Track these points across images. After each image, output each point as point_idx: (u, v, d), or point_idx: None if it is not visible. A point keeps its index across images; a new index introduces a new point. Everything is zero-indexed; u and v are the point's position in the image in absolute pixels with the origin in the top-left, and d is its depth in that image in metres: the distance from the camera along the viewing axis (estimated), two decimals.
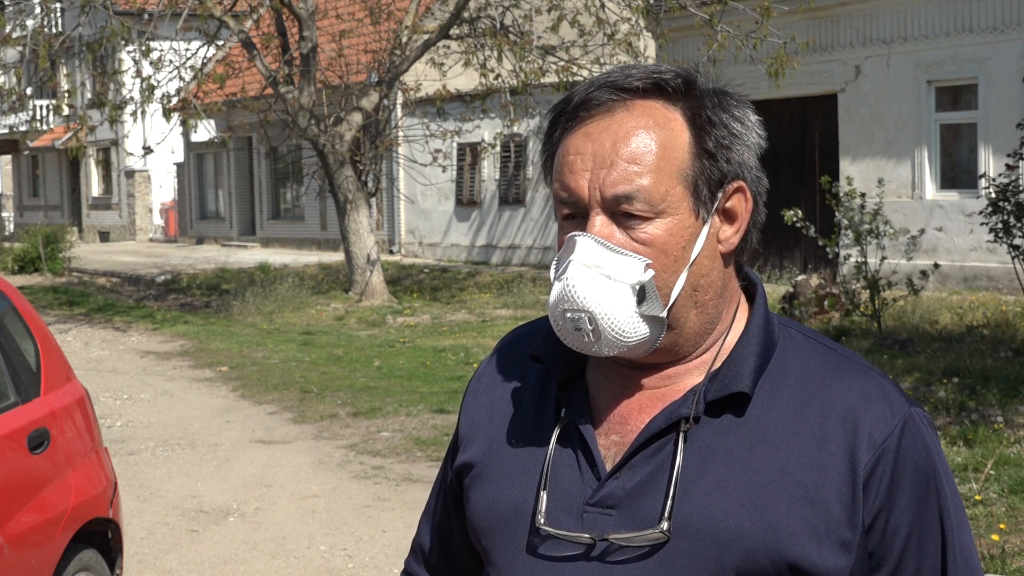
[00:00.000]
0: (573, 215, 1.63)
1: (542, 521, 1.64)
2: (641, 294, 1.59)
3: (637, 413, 1.67)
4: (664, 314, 1.61)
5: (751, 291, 1.74)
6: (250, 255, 29.48)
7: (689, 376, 1.67)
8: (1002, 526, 6.61)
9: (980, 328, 12.78)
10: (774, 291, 16.29)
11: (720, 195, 1.63)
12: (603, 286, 1.58)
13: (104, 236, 40.40)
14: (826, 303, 13.59)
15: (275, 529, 7.45)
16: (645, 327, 1.60)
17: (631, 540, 1.59)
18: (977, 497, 7.09)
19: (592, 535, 1.61)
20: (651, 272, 1.59)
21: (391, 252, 27.72)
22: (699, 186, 1.61)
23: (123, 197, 39.99)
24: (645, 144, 1.60)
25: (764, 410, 1.63)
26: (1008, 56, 16.37)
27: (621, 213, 1.60)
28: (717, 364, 1.66)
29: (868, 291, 12.65)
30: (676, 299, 1.61)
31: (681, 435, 1.61)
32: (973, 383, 10.00)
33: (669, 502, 1.58)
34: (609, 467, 1.65)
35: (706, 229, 1.63)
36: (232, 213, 35.11)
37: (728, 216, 1.65)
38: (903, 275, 12.92)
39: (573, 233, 1.61)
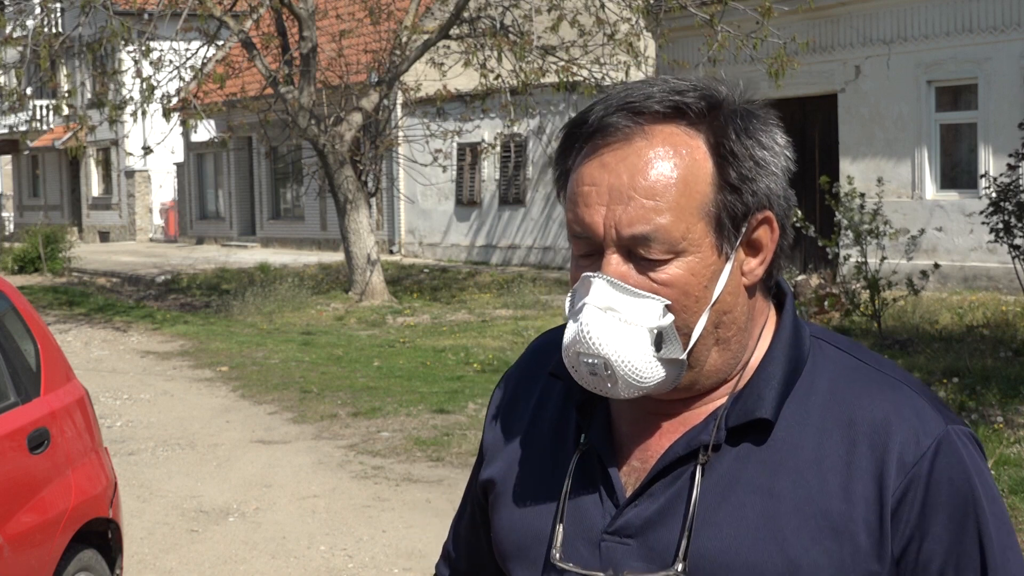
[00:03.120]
0: (590, 252, 1.55)
1: (557, 556, 1.60)
2: (659, 338, 1.51)
3: (658, 438, 1.61)
4: (684, 356, 1.53)
5: (780, 298, 1.65)
6: (250, 255, 29.49)
7: (712, 399, 1.60)
8: None
9: (980, 328, 12.78)
10: None
11: (744, 228, 1.54)
12: (619, 331, 1.50)
13: (104, 236, 40.40)
14: (826, 303, 13.59)
15: (275, 529, 7.45)
16: (664, 369, 1.53)
17: None
18: None
19: (606, 572, 1.57)
20: (671, 317, 1.51)
21: (391, 252, 27.72)
22: (722, 221, 1.52)
23: (123, 197, 39.99)
24: (664, 177, 1.50)
25: (789, 434, 1.55)
26: (1008, 56, 16.37)
27: (638, 254, 1.52)
28: (741, 384, 1.59)
29: (868, 291, 12.65)
30: (697, 340, 1.54)
31: (699, 468, 1.55)
32: (973, 383, 10.00)
33: (684, 541, 1.53)
34: (628, 493, 1.60)
35: (729, 266, 1.54)
36: (232, 213, 35.11)
37: (752, 247, 1.57)
38: (903, 275, 12.92)
39: (587, 274, 1.53)
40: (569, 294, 1.58)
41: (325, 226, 30.36)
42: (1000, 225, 13.10)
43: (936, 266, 13.09)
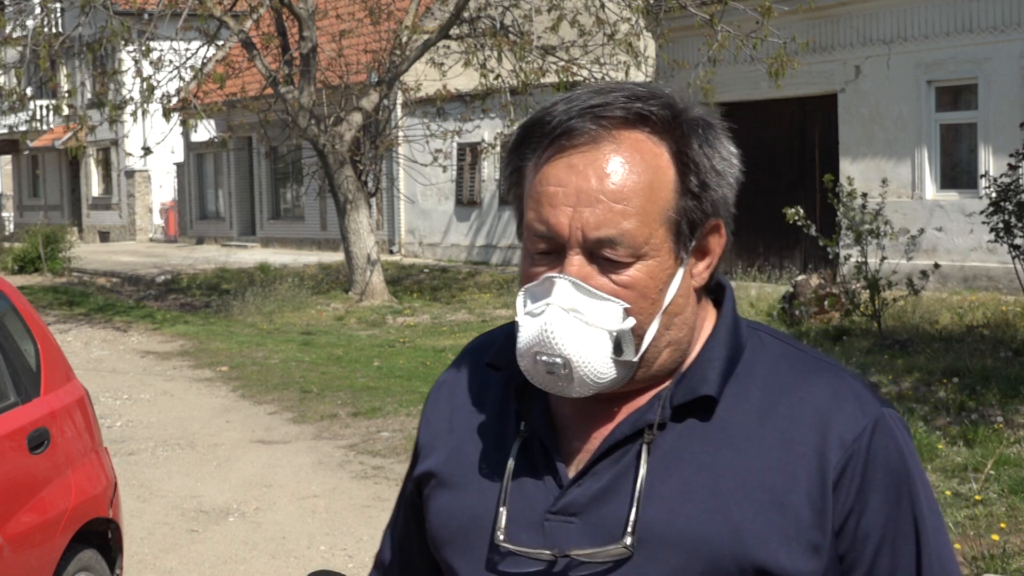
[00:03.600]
0: (550, 250, 1.58)
1: (501, 538, 1.61)
2: (618, 341, 1.55)
3: (600, 421, 1.63)
4: (636, 359, 1.57)
5: (719, 295, 1.70)
6: (250, 255, 29.48)
7: (655, 385, 1.64)
8: (1002, 526, 6.62)
9: (980, 328, 12.78)
10: (774, 291, 16.29)
11: (698, 234, 1.60)
12: (582, 332, 1.54)
13: (104, 236, 40.39)
14: (826, 303, 13.59)
15: (275, 529, 7.45)
16: (618, 369, 1.57)
17: (593, 556, 1.56)
18: (977, 497, 7.09)
19: (553, 552, 1.58)
20: (631, 321, 1.55)
21: (391, 252, 27.72)
22: (681, 227, 1.58)
23: (123, 197, 39.99)
24: (632, 182, 1.54)
25: (731, 413, 1.59)
26: (1008, 56, 16.37)
27: (602, 255, 1.55)
28: (683, 369, 1.63)
29: (868, 291, 12.65)
30: (650, 341, 1.58)
31: (644, 445, 1.58)
32: (973, 383, 9.99)
33: (632, 515, 1.55)
34: (572, 475, 1.61)
35: (682, 270, 1.59)
36: (232, 213, 35.11)
37: (701, 252, 1.62)
38: (903, 275, 12.92)
39: (551, 275, 1.56)
40: (521, 292, 1.60)
41: (325, 226, 30.36)
42: (1000, 225, 13.09)
43: (936, 266, 13.08)
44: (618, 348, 1.55)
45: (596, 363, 1.54)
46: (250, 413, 10.99)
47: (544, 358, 1.55)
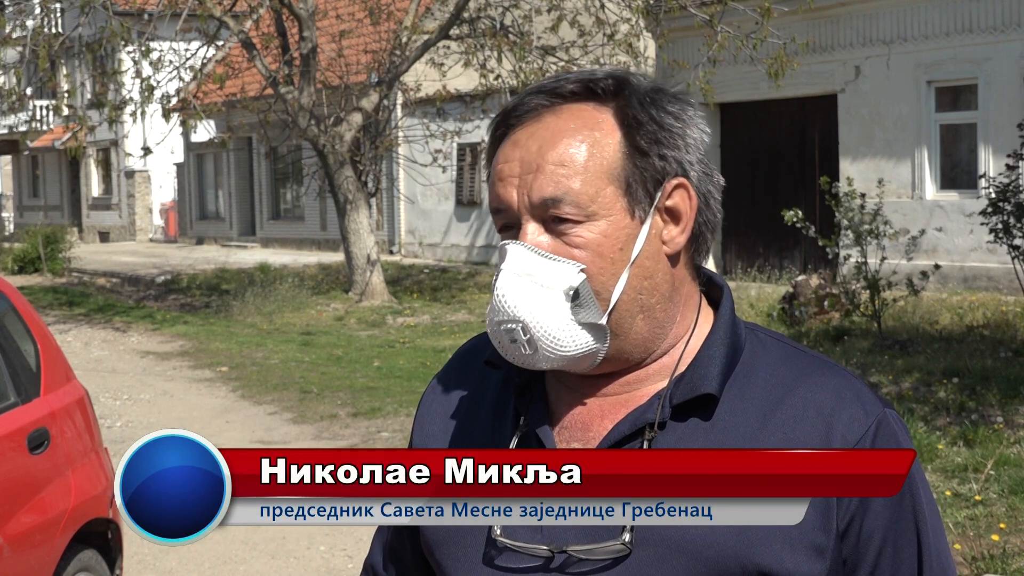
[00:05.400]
0: (509, 226, 1.60)
1: (498, 532, 1.59)
2: (575, 299, 1.54)
3: (599, 419, 1.62)
4: (604, 321, 1.56)
5: (716, 296, 1.69)
6: (250, 255, 29.48)
7: (651, 382, 1.62)
8: (1002, 526, 6.62)
9: (980, 328, 12.78)
10: (774, 291, 16.29)
11: (659, 194, 1.58)
12: (534, 294, 1.54)
13: (104, 236, 40.39)
14: (826, 303, 13.59)
15: (275, 529, 7.45)
16: (585, 336, 1.55)
17: (591, 552, 1.54)
18: (977, 497, 7.09)
19: (550, 547, 1.56)
20: (582, 276, 1.54)
21: (391, 252, 27.72)
22: (632, 185, 1.57)
23: (123, 197, 39.98)
24: (572, 146, 1.56)
25: (732, 413, 1.58)
26: (1008, 56, 16.37)
27: (552, 218, 1.56)
28: (681, 368, 1.61)
29: (868, 291, 12.65)
30: (617, 303, 1.56)
31: (645, 443, 1.56)
32: (973, 383, 9.99)
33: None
34: None
35: (645, 229, 1.58)
36: (232, 213, 35.11)
37: (672, 215, 1.60)
38: (903, 275, 12.92)
39: (503, 242, 1.59)
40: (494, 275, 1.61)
41: (325, 226, 30.35)
42: (999, 226, 13.08)
43: (936, 266, 13.08)
44: (575, 304, 1.54)
45: (553, 325, 1.54)
46: (250, 413, 10.99)
47: (504, 325, 1.56)
